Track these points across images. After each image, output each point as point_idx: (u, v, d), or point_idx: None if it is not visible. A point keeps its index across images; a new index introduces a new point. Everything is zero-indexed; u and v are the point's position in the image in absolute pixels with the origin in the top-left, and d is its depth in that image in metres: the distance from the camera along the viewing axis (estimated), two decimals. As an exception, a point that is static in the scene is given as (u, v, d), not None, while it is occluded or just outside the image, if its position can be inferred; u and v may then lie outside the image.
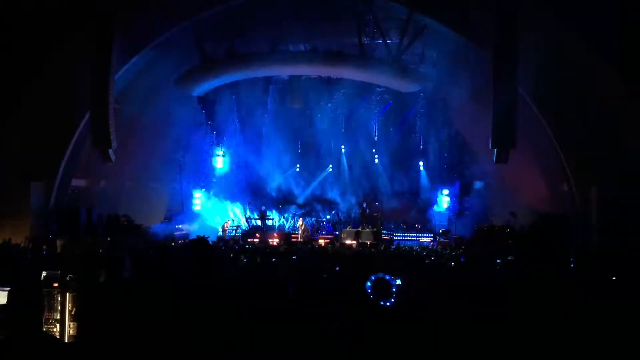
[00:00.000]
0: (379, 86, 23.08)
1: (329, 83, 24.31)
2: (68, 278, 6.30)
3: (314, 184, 26.96)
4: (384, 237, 22.19)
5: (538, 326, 4.63)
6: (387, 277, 3.93)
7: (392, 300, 3.85)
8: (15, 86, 17.44)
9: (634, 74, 15.04)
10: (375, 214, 23.73)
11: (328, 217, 25.82)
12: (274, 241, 21.79)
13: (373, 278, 3.90)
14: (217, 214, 25.40)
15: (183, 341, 3.84)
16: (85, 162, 20.12)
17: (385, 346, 3.21)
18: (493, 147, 15.89)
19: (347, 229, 22.82)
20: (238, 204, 25.84)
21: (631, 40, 14.43)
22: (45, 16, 16.71)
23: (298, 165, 27.23)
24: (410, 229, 24.44)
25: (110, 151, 17.44)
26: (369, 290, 3.85)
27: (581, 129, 16.12)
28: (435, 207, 24.76)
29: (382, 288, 3.87)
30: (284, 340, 3.69)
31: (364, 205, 23.92)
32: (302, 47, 21.40)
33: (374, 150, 26.82)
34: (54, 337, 4.83)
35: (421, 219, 25.12)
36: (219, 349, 3.82)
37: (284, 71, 22.40)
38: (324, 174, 27.23)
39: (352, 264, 5.09)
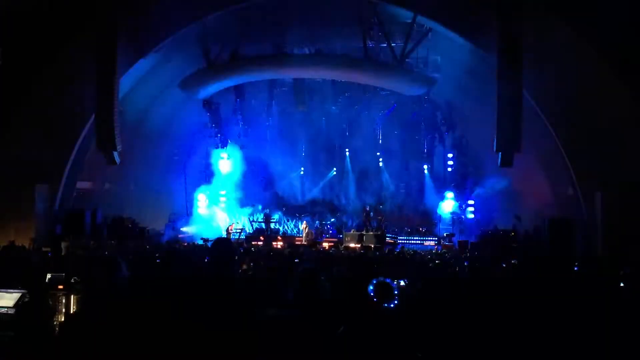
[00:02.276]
0: (383, 89, 23.08)
1: (333, 86, 24.35)
2: (72, 280, 6.32)
3: (318, 186, 26.98)
4: (387, 240, 22.18)
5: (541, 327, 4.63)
6: (387, 280, 3.94)
7: (395, 302, 3.86)
8: (20, 89, 17.52)
9: (638, 76, 15.03)
10: (379, 217, 23.73)
11: (332, 220, 25.83)
12: (278, 244, 21.80)
13: (375, 282, 3.90)
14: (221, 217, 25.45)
15: (183, 342, 3.85)
16: (90, 164, 20.20)
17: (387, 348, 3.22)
18: (497, 151, 15.85)
19: (351, 232, 22.82)
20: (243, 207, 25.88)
21: (634, 42, 14.41)
22: (49, 19, 16.79)
23: (302, 168, 27.25)
24: (414, 232, 24.42)
25: (115, 154, 17.48)
26: (372, 294, 3.86)
27: (586, 133, 16.10)
28: (439, 211, 24.73)
29: (384, 291, 3.88)
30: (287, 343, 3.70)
31: (368, 209, 23.92)
32: (306, 51, 21.44)
33: (378, 154, 26.82)
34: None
35: (425, 223, 25.11)
36: (219, 350, 3.83)
37: (288, 74, 22.42)
38: (328, 176, 27.25)
39: (353, 266, 5.10)
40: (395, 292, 3.90)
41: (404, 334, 3.74)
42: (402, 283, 6.45)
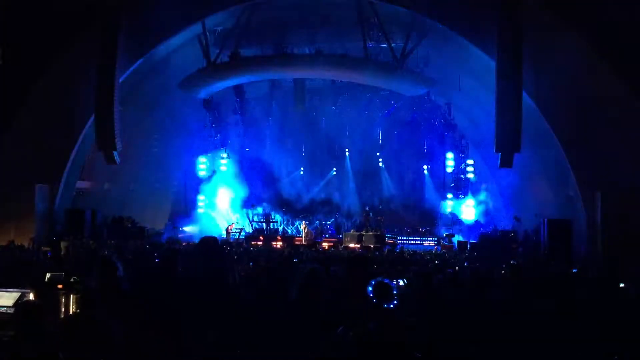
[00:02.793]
0: (384, 89, 23.07)
1: (333, 86, 24.34)
2: (72, 280, 6.32)
3: (318, 187, 26.94)
4: (387, 240, 22.17)
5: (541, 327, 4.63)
6: (386, 281, 3.93)
7: (395, 302, 3.86)
8: (20, 88, 17.52)
9: (638, 77, 15.03)
10: (378, 218, 23.72)
11: (331, 220, 25.80)
12: (278, 244, 21.79)
13: (373, 282, 3.90)
14: (220, 217, 25.43)
15: (185, 342, 3.85)
16: (89, 164, 20.19)
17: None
18: (497, 151, 15.86)
19: (351, 232, 22.81)
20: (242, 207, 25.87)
21: (635, 42, 14.41)
22: (50, 19, 16.79)
23: (302, 168, 27.24)
24: (414, 232, 24.41)
25: (115, 153, 17.48)
26: (371, 295, 3.86)
27: (586, 133, 16.10)
28: (439, 211, 24.72)
29: (384, 292, 3.88)
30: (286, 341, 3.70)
31: (367, 209, 23.91)
32: (306, 51, 21.44)
33: (378, 154, 26.81)
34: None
35: (425, 223, 25.09)
36: (221, 350, 3.84)
37: (288, 74, 22.42)
38: (328, 177, 27.23)
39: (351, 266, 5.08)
40: (395, 292, 3.90)
41: (403, 333, 3.75)
42: (400, 283, 6.45)
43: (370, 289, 3.86)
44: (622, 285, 7.02)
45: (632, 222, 14.83)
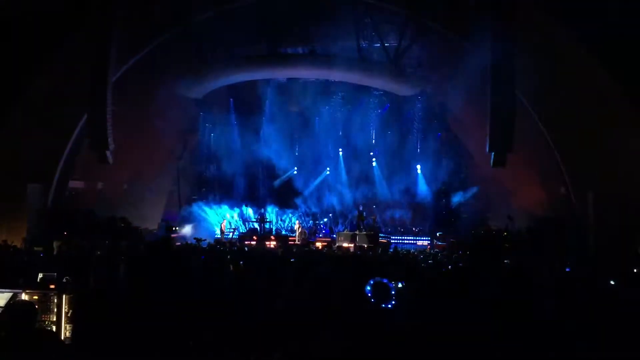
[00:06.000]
0: (377, 89, 23.09)
1: (327, 86, 24.34)
2: (64, 280, 6.29)
3: (312, 186, 26.95)
4: (381, 240, 22.19)
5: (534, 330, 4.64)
6: (384, 281, 3.94)
7: (393, 302, 3.86)
8: (13, 87, 17.41)
9: (631, 76, 15.09)
10: (372, 217, 23.75)
11: (325, 220, 25.81)
12: (271, 244, 21.77)
13: (372, 282, 3.91)
14: (214, 216, 25.40)
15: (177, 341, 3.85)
16: (82, 164, 20.09)
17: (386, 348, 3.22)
18: (490, 151, 15.87)
19: (344, 231, 22.82)
20: (235, 207, 25.86)
21: (628, 42, 14.47)
22: (43, 18, 16.69)
23: (296, 168, 27.24)
24: (408, 232, 24.45)
25: (108, 153, 17.39)
26: (369, 295, 3.86)
27: (578, 132, 16.16)
28: (432, 210, 24.78)
29: (382, 291, 3.88)
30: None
31: (361, 208, 23.94)
32: (300, 50, 21.43)
33: (371, 154, 26.83)
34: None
35: (418, 222, 25.14)
36: (215, 349, 3.83)
37: (282, 74, 22.42)
38: (322, 176, 27.23)
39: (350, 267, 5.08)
40: (393, 293, 3.90)
41: (400, 332, 3.75)
42: (399, 285, 6.45)
43: (368, 288, 3.87)
44: (612, 282, 7.07)
45: (623, 221, 14.90)
